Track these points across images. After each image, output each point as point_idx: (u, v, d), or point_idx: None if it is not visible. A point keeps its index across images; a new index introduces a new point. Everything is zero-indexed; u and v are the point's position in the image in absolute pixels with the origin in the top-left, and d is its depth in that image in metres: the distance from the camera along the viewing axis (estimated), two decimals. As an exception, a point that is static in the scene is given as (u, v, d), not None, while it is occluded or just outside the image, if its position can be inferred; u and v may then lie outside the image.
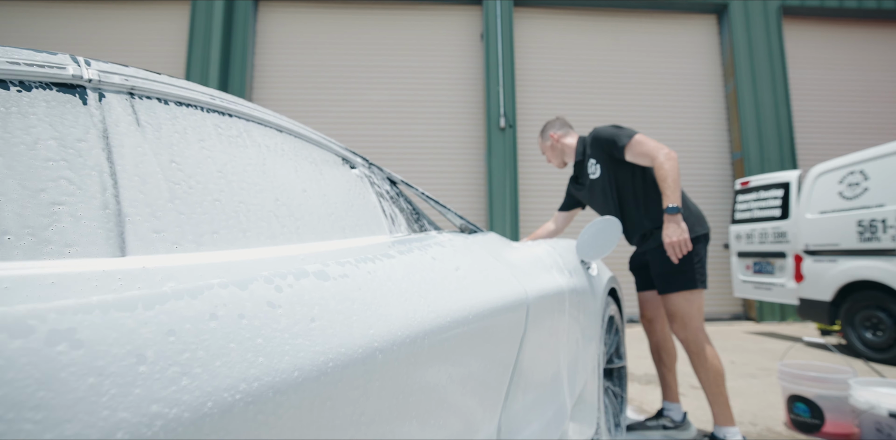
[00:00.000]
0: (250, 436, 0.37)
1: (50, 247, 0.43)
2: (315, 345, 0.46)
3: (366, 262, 0.66)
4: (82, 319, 0.32)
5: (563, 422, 1.26)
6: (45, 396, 0.28)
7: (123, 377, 0.31)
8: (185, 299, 0.39)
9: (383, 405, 0.54)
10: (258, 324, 0.43)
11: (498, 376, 0.86)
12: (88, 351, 0.31)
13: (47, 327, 0.30)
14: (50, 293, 0.34)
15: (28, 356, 0.28)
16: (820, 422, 2.00)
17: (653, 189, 1.92)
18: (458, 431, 0.70)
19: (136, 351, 0.33)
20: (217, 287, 0.43)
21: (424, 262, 0.79)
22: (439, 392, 0.66)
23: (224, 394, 0.36)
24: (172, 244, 0.52)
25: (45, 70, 0.49)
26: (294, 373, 0.42)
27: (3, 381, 0.27)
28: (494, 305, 0.86)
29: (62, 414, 0.28)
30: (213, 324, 0.39)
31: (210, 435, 0.34)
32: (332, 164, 1.02)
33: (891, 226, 3.32)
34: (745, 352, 3.94)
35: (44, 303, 0.32)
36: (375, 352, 0.53)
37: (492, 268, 1.01)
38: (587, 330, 1.51)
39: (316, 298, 0.51)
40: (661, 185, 1.78)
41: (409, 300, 0.65)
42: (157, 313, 0.36)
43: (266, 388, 0.39)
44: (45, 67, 0.50)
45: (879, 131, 6.40)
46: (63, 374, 0.29)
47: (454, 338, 0.70)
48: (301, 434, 0.42)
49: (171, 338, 0.36)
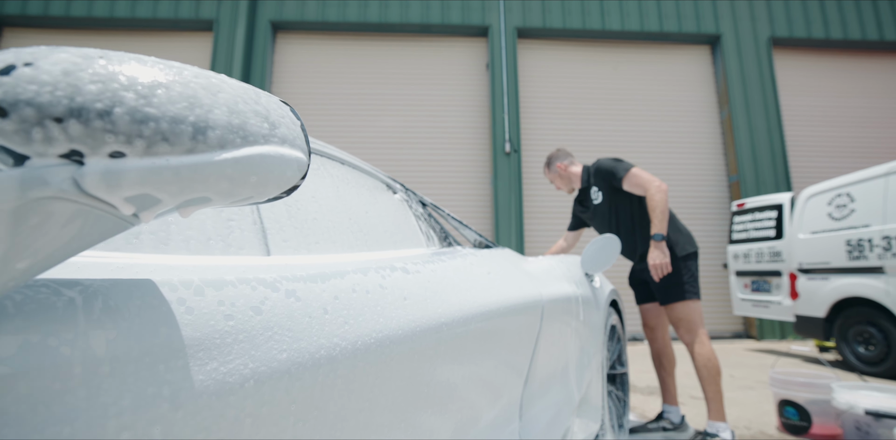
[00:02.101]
0: (380, 358, 0.59)
1: (231, 248, 0.65)
2: (408, 314, 0.69)
3: (427, 264, 0.88)
4: (296, 286, 0.55)
5: (572, 410, 1.45)
6: (290, 325, 0.50)
7: (322, 319, 0.54)
8: (338, 278, 0.62)
9: (446, 362, 0.75)
10: (376, 297, 0.65)
11: (521, 359, 1.07)
12: (304, 304, 0.53)
13: (284, 288, 0.53)
14: (261, 273, 0.56)
15: (278, 303, 0.51)
16: (808, 424, 2.17)
17: (643, 217, 2.20)
18: (493, 393, 0.92)
19: (322, 305, 0.56)
20: (350, 273, 0.66)
21: (465, 267, 1.02)
22: (479, 363, 0.88)
23: (366, 336, 0.58)
24: (294, 249, 0.75)
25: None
26: (398, 331, 0.65)
27: (278, 313, 0.49)
28: (518, 303, 1.08)
29: (299, 334, 0.50)
30: (354, 295, 0.62)
31: (367, 354, 0.56)
32: (380, 189, 1.27)
33: (876, 246, 3.53)
34: (745, 367, 4.09)
35: (271, 275, 0.54)
36: (442, 326, 0.75)
37: (513, 275, 1.23)
38: (591, 333, 1.71)
39: (404, 285, 0.74)
40: (651, 214, 2.06)
41: (459, 292, 0.87)
42: (328, 285, 0.59)
43: (384, 337, 0.62)
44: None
45: (867, 155, 6.66)
46: (297, 314, 0.51)
47: (489, 325, 0.92)
48: (404, 365, 0.64)
49: (336, 300, 0.58)
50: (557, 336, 1.35)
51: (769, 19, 6.97)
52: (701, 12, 6.93)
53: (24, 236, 0.28)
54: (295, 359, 0.49)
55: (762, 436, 2.26)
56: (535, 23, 6.78)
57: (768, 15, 6.98)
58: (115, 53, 0.31)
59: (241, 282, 0.49)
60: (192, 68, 0.33)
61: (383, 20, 6.71)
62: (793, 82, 7.02)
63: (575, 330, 1.52)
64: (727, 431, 1.92)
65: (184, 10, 6.66)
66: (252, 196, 0.34)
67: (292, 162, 0.35)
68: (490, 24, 6.75)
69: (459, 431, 0.78)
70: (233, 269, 0.53)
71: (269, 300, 0.50)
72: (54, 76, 0.27)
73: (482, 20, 6.76)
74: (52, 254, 0.30)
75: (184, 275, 0.45)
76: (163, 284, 0.42)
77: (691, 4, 6.94)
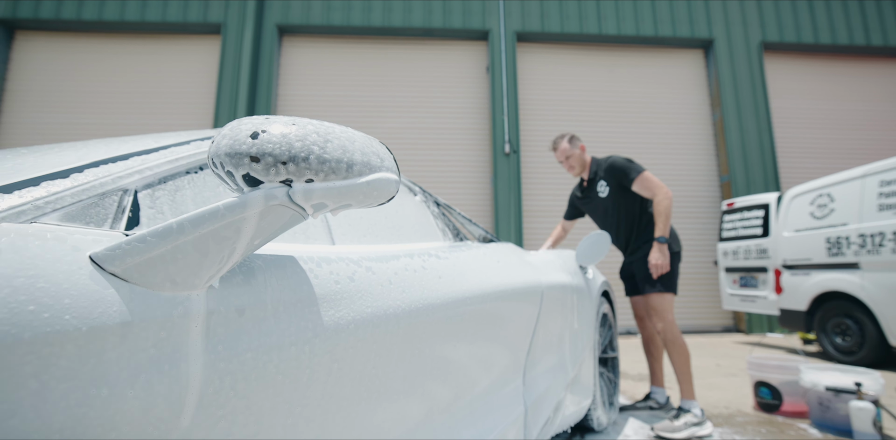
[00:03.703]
0: (426, 319, 0.82)
1: (310, 239, 0.88)
2: (443, 288, 0.91)
3: (452, 253, 1.11)
4: (371, 264, 0.77)
5: (566, 384, 1.68)
6: (370, 290, 0.73)
7: (388, 287, 0.76)
8: (394, 260, 0.85)
9: (469, 327, 0.98)
10: (420, 274, 0.88)
11: (525, 333, 1.30)
12: (377, 276, 0.76)
13: (365, 265, 0.75)
14: (347, 255, 0.79)
15: (362, 275, 0.73)
16: (779, 402, 2.41)
17: (644, 214, 2.41)
18: (503, 355, 1.15)
19: (388, 278, 0.78)
20: (401, 256, 0.88)
21: (480, 256, 1.24)
22: (494, 331, 1.10)
23: (416, 302, 0.81)
24: (350, 240, 0.98)
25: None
26: (437, 300, 0.87)
27: (363, 281, 0.72)
28: (522, 286, 1.31)
29: (376, 296, 0.73)
30: (406, 272, 0.84)
31: (418, 314, 0.79)
32: (404, 192, 1.49)
33: (853, 243, 3.77)
34: (731, 358, 4.33)
35: (355, 256, 0.77)
36: (466, 299, 0.98)
37: (517, 264, 1.46)
38: (584, 318, 1.94)
39: (438, 267, 0.96)
40: (657, 217, 2.26)
41: (478, 275, 1.10)
42: (389, 264, 0.82)
43: (427, 304, 0.84)
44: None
45: (853, 156, 6.91)
46: (374, 283, 0.74)
47: (501, 302, 1.15)
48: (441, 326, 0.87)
49: (395, 274, 0.81)
50: (554, 317, 1.58)
51: (761, 24, 7.20)
52: (695, 17, 7.16)
53: (261, 227, 0.50)
54: (374, 312, 0.72)
55: (739, 414, 2.50)
56: (534, 27, 7.00)
57: (760, 20, 7.22)
58: (301, 120, 0.53)
59: (339, 259, 0.72)
60: (339, 127, 0.56)
61: (386, 24, 6.91)
62: (783, 86, 7.26)
63: (569, 313, 1.75)
64: (697, 408, 2.13)
65: (192, 14, 6.85)
66: (371, 203, 0.57)
67: (393, 182, 0.58)
68: (490, 28, 6.96)
69: (480, 376, 1.01)
70: (327, 253, 0.75)
71: (356, 273, 0.73)
72: (277, 138, 0.50)
73: (482, 24, 6.98)
74: (269, 237, 0.52)
75: (305, 255, 0.68)
76: (300, 259, 0.64)
77: (685, 9, 7.17)
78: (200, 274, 0.48)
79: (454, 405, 0.92)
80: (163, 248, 0.45)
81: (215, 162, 0.50)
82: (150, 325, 0.44)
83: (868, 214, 3.69)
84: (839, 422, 2.09)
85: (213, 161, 0.50)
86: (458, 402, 0.93)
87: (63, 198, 0.52)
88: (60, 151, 0.69)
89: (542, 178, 6.77)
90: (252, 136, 0.49)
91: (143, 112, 6.84)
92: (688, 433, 2.01)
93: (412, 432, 0.79)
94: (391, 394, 0.74)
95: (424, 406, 0.83)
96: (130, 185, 0.60)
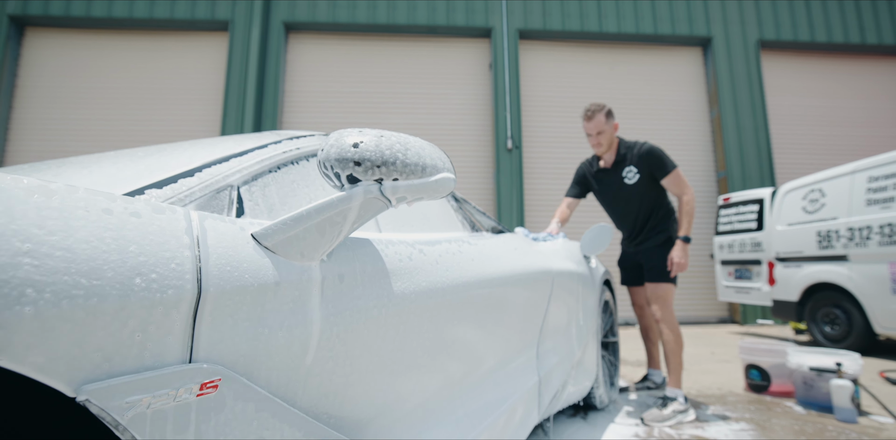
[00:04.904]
0: (465, 293, 0.99)
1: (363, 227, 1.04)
2: (475, 269, 1.08)
3: (478, 240, 1.28)
4: (422, 247, 0.94)
5: (572, 363, 1.85)
6: (424, 267, 0.89)
7: (436, 266, 0.93)
8: (437, 244, 1.01)
9: (495, 302, 1.15)
10: (458, 257, 1.05)
11: (538, 311, 1.47)
12: (428, 257, 0.93)
13: (418, 248, 0.92)
14: (401, 239, 0.95)
15: (417, 255, 0.90)
16: (768, 383, 2.59)
17: (661, 207, 2.45)
18: (522, 328, 1.32)
19: (435, 259, 0.95)
20: (441, 242, 1.05)
21: (499, 243, 1.41)
22: (514, 307, 1.27)
23: (457, 279, 0.98)
24: (392, 229, 1.14)
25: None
26: (472, 279, 1.04)
27: (418, 260, 0.88)
28: (536, 271, 1.47)
29: (428, 273, 0.89)
30: (447, 255, 1.01)
31: (458, 289, 0.96)
32: (428, 187, 1.65)
33: (842, 236, 3.95)
34: (725, 347, 4.53)
35: (409, 240, 0.93)
36: (493, 279, 1.15)
37: (530, 252, 1.62)
38: (588, 303, 2.12)
39: (470, 251, 1.13)
40: (683, 216, 2.30)
41: (500, 260, 1.26)
42: (435, 248, 0.98)
43: (465, 281, 1.01)
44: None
45: (846, 152, 7.08)
46: (425, 262, 0.90)
47: (519, 284, 1.32)
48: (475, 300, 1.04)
49: (440, 256, 0.97)
50: (562, 300, 1.75)
51: (758, 23, 7.35)
52: (693, 16, 7.30)
53: (359, 214, 0.67)
54: (428, 286, 0.88)
55: (731, 394, 2.68)
56: (536, 25, 7.13)
57: (757, 18, 7.36)
58: (386, 133, 0.69)
59: (400, 242, 0.88)
60: (413, 138, 0.72)
61: (391, 21, 7.04)
62: (779, 83, 7.41)
63: (575, 298, 1.92)
64: (682, 396, 2.24)
65: (200, 12, 6.96)
66: (437, 196, 0.73)
67: (452, 180, 0.74)
68: (493, 25, 7.09)
69: (503, 344, 1.18)
70: (388, 238, 0.92)
71: (413, 253, 0.89)
72: (373, 147, 0.66)
73: (485, 22, 7.11)
74: (362, 222, 0.69)
75: (373, 238, 0.84)
76: (373, 241, 0.81)
77: (684, 8, 7.30)
78: (319, 249, 0.65)
79: (486, 367, 1.09)
80: (298, 229, 0.61)
81: (326, 165, 0.66)
82: (289, 286, 0.61)
83: (857, 209, 3.87)
84: (821, 399, 2.27)
85: (323, 164, 0.67)
86: (488, 364, 1.11)
87: (194, 192, 0.68)
88: (171, 153, 0.85)
89: (544, 173, 6.94)
90: (354, 146, 0.66)
91: (152, 108, 6.97)
92: (675, 421, 2.14)
93: (453, 385, 0.96)
94: (439, 353, 0.91)
95: (464, 366, 1.00)
96: (234, 182, 0.76)
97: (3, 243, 0.37)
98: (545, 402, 1.50)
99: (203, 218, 0.56)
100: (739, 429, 2.06)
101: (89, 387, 0.40)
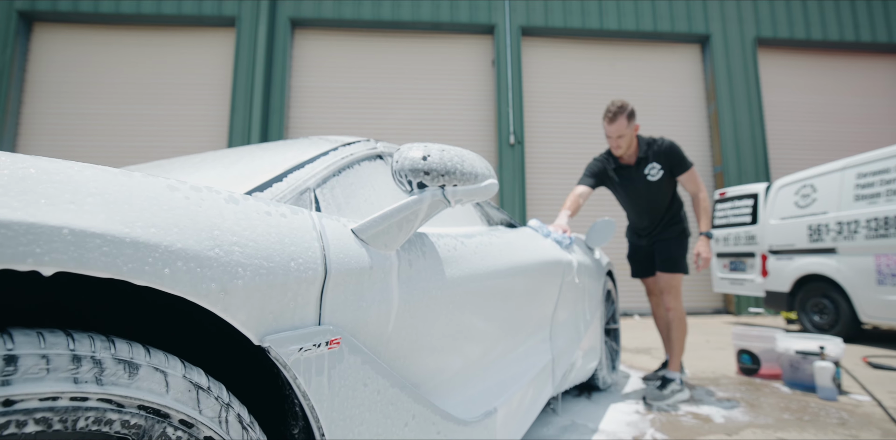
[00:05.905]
0: (496, 279, 1.16)
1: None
2: (505, 257, 1.25)
3: (499, 233, 1.45)
4: (462, 239, 1.11)
5: (579, 345, 2.04)
6: (466, 256, 1.06)
7: (475, 255, 1.10)
8: (472, 237, 1.18)
9: (520, 286, 1.32)
10: (490, 247, 1.22)
11: (552, 296, 1.65)
12: (468, 248, 1.10)
13: (460, 240, 1.09)
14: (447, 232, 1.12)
15: (461, 246, 1.07)
16: (758, 367, 2.79)
17: (675, 202, 2.60)
18: (540, 308, 1.50)
19: (473, 249, 1.12)
20: (476, 235, 1.22)
21: (517, 236, 1.58)
22: (534, 290, 1.45)
23: (491, 267, 1.15)
24: (428, 223, 1.31)
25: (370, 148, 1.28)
26: (503, 267, 1.21)
27: (461, 250, 1.06)
28: (550, 260, 1.65)
29: (469, 260, 1.07)
30: (482, 245, 1.18)
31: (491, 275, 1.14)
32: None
33: (831, 230, 4.14)
34: (720, 335, 4.73)
35: (453, 233, 1.10)
36: (518, 267, 1.32)
37: (543, 244, 1.80)
38: (593, 291, 2.30)
39: (499, 242, 1.30)
40: (702, 213, 2.45)
41: (522, 249, 1.44)
42: (472, 240, 1.16)
43: (497, 269, 1.18)
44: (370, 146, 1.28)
45: (840, 148, 7.27)
46: (466, 251, 1.08)
47: (538, 271, 1.49)
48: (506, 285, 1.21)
49: (477, 246, 1.15)
50: (571, 287, 1.93)
51: (755, 20, 7.49)
52: (692, 13, 7.43)
53: (426, 213, 0.84)
54: (469, 273, 1.06)
55: (724, 377, 2.88)
56: (538, 22, 7.26)
57: (754, 16, 7.50)
58: (447, 147, 0.86)
59: (447, 235, 1.06)
60: (466, 150, 0.89)
61: (396, 18, 7.15)
62: (775, 80, 7.58)
63: (583, 286, 2.10)
64: (678, 378, 2.42)
65: (207, 8, 7.06)
66: (485, 198, 0.90)
67: (496, 184, 0.91)
68: (496, 22, 7.21)
69: (525, 322, 1.36)
70: (437, 231, 1.09)
71: (457, 244, 1.07)
72: (438, 159, 0.83)
73: (489, 19, 7.23)
74: (427, 220, 0.86)
75: (429, 232, 1.01)
76: (428, 235, 0.98)
77: (683, 6, 7.44)
78: (397, 240, 0.82)
79: (511, 343, 1.27)
80: (384, 225, 0.79)
81: (400, 173, 0.83)
82: (378, 270, 0.78)
83: (846, 204, 4.05)
84: (806, 380, 2.47)
85: (398, 173, 0.83)
86: (513, 342, 1.28)
87: (286, 194, 0.85)
88: (251, 159, 1.02)
89: (546, 168, 7.10)
90: (423, 158, 0.83)
91: (159, 103, 7.09)
92: (673, 400, 2.35)
93: (481, 358, 1.14)
94: (480, 329, 1.08)
95: (493, 342, 1.18)
96: (311, 185, 0.93)
97: (222, 237, 0.54)
98: (558, 378, 1.68)
99: (320, 216, 0.73)
100: (730, 407, 2.25)
101: (270, 337, 0.57)
